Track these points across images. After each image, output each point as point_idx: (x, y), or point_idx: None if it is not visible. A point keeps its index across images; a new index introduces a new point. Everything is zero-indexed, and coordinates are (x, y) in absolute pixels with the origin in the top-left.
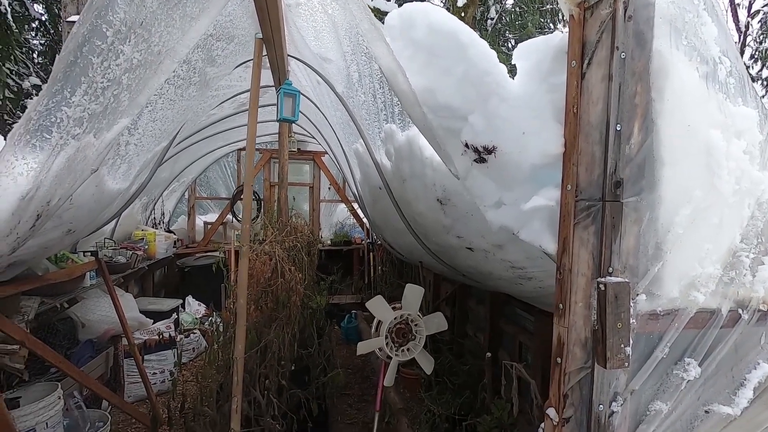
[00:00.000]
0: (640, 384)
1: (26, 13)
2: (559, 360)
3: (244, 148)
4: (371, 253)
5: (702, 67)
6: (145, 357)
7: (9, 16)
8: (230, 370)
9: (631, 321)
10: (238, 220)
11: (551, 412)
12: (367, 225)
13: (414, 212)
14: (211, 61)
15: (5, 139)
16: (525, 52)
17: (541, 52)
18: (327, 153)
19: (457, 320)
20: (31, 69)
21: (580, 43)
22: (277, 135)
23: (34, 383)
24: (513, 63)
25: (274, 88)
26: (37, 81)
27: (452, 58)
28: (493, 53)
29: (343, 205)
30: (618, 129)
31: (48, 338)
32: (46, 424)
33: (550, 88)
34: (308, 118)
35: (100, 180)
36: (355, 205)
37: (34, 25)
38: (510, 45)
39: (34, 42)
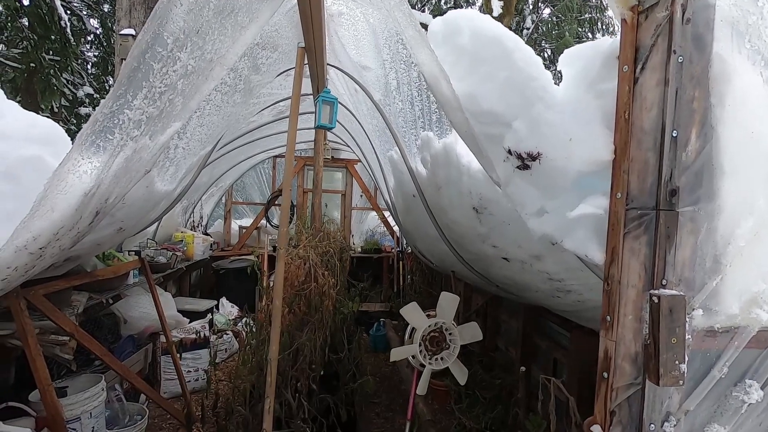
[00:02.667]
0: (695, 404)
1: (83, 27)
2: (605, 375)
3: (279, 155)
4: (401, 262)
5: (766, 72)
6: (182, 355)
7: (68, 30)
8: (263, 372)
9: (687, 337)
10: (271, 225)
11: (596, 429)
12: (398, 233)
13: (448, 220)
14: (255, 69)
15: (73, 142)
16: (571, 59)
17: (589, 58)
18: (360, 161)
19: (488, 333)
20: (85, 79)
21: (633, 47)
22: (311, 143)
23: (80, 374)
24: (552, 70)
25: (311, 97)
26: (90, 90)
27: (496, 63)
28: (539, 59)
29: (373, 213)
30: (674, 135)
31: (93, 332)
32: (90, 413)
33: (598, 94)
34: (343, 126)
35: (150, 181)
36: (386, 213)
37: (89, 38)
38: (546, 55)
39: (89, 54)
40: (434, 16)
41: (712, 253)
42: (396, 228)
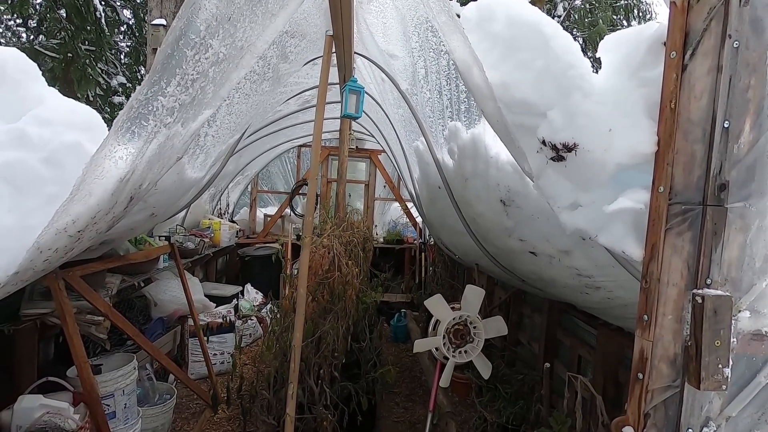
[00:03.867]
0: (738, 410)
1: (117, 18)
2: (640, 375)
3: (304, 145)
4: (423, 254)
5: None
6: (209, 338)
7: (103, 20)
8: (286, 357)
9: (731, 340)
10: (295, 214)
11: (628, 431)
12: (420, 225)
13: (474, 213)
14: (284, 58)
15: (109, 129)
16: (613, 45)
17: (632, 44)
18: (384, 151)
19: (510, 327)
20: (118, 69)
21: (682, 32)
22: (336, 132)
23: (113, 353)
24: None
25: (338, 86)
26: (123, 80)
27: (532, 50)
28: (577, 45)
29: (396, 204)
30: (725, 126)
31: (126, 313)
32: (123, 391)
33: (642, 82)
34: (368, 116)
35: (181, 168)
36: (410, 205)
37: (122, 29)
38: (578, 43)
39: (122, 44)
40: (462, 4)
41: (762, 253)
42: (419, 219)
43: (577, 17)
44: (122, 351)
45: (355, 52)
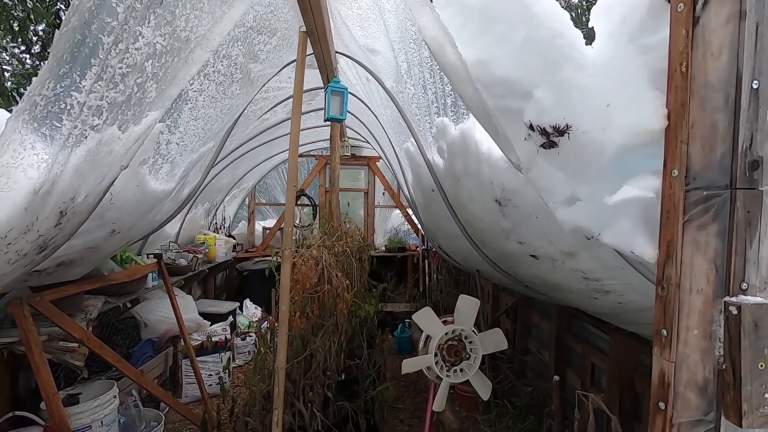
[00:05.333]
0: None
1: None
2: (662, 405)
3: (301, 155)
4: (426, 261)
5: None
6: (202, 358)
7: None
8: (271, 378)
9: None
10: (295, 226)
11: None
12: (422, 231)
13: (469, 215)
14: (253, 57)
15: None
16: (605, 10)
17: (627, 6)
18: (381, 157)
19: (518, 335)
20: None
21: None
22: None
23: (94, 380)
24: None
25: (323, 90)
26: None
27: (511, 20)
28: (565, 13)
29: (397, 211)
30: (754, 87)
31: (110, 336)
32: (101, 422)
33: (642, 49)
34: (360, 121)
35: (141, 179)
36: (410, 211)
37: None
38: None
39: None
40: None
41: None
42: (419, 225)
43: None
44: (105, 377)
45: (337, 51)
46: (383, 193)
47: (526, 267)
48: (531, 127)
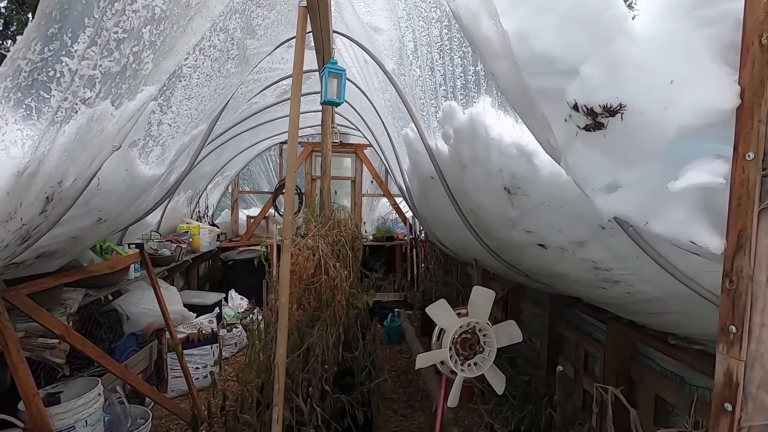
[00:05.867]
0: None
1: None
2: (728, 406)
3: (286, 142)
4: (414, 250)
5: None
6: (188, 351)
7: None
8: (271, 373)
9: None
10: (280, 214)
11: None
12: (410, 220)
13: (473, 204)
14: (250, 33)
15: None
16: None
17: None
18: (370, 144)
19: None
20: None
21: None
22: (318, 127)
23: (76, 377)
24: None
25: (317, 74)
26: None
27: None
28: None
29: (384, 200)
30: None
31: (92, 330)
32: (86, 422)
33: (701, 22)
34: (352, 106)
35: (131, 163)
36: (398, 200)
37: None
38: None
39: None
40: None
41: None
42: (408, 214)
43: None
44: (87, 374)
45: (334, 31)
46: (371, 182)
47: (531, 257)
48: (575, 107)
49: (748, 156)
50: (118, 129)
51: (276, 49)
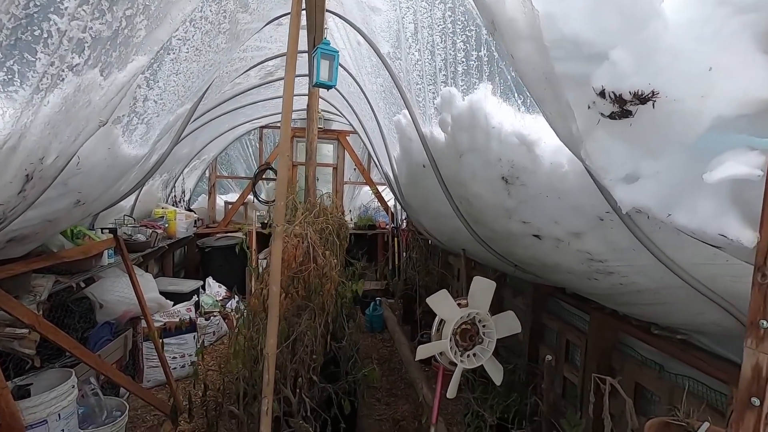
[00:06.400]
0: None
1: None
2: (755, 401)
3: (267, 126)
4: (396, 239)
5: None
6: (165, 341)
7: None
8: (257, 364)
9: None
10: (259, 201)
11: None
12: (392, 209)
13: (468, 193)
14: (243, 5)
15: None
16: None
17: None
18: (355, 131)
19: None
20: None
21: None
22: (301, 112)
23: (47, 369)
24: None
25: (305, 55)
26: None
27: None
28: None
29: (366, 188)
30: None
31: (63, 319)
32: (59, 415)
33: (738, 8)
34: (338, 91)
35: (113, 141)
36: (381, 188)
37: None
38: None
39: None
40: None
41: None
42: (391, 203)
43: None
44: (59, 365)
45: (328, 10)
46: (354, 169)
47: (525, 248)
48: (602, 93)
49: None
50: (105, 102)
51: (266, 26)
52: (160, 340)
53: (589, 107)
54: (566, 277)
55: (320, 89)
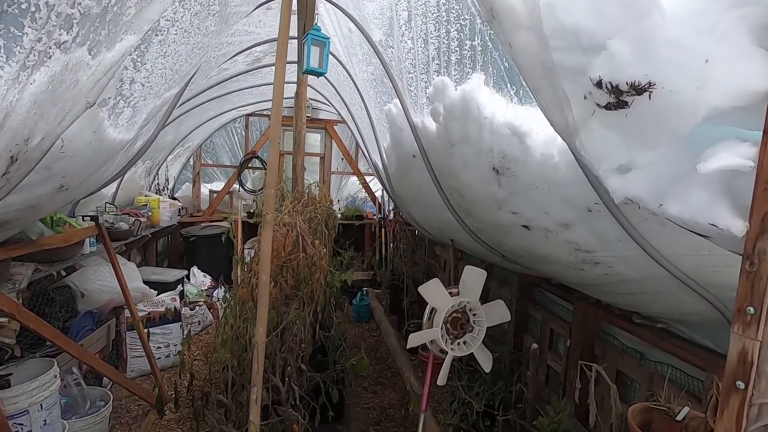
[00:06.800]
0: None
1: None
2: (740, 384)
3: (253, 114)
4: (383, 229)
5: None
6: (150, 330)
7: None
8: (246, 353)
9: None
10: (245, 190)
11: None
12: (380, 199)
13: (459, 184)
14: None
15: None
16: None
17: None
18: (343, 121)
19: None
20: None
21: None
22: (289, 99)
23: (28, 359)
24: None
25: (295, 41)
26: None
27: None
28: None
29: (353, 178)
30: None
31: (44, 308)
32: (41, 405)
33: (735, 1)
34: (327, 79)
35: (99, 124)
36: (368, 178)
37: None
38: None
39: None
40: None
41: None
42: (378, 193)
43: None
44: (39, 355)
45: None
46: (341, 159)
47: (514, 238)
48: (599, 84)
49: None
50: (93, 82)
51: (255, 9)
52: (145, 330)
53: (585, 98)
54: (554, 268)
55: (309, 77)
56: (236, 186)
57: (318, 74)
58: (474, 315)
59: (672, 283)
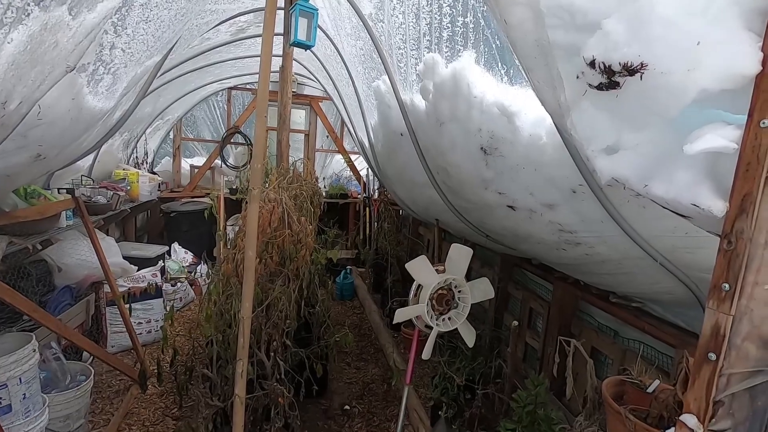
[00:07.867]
0: None
1: None
2: (712, 356)
3: (236, 87)
4: (368, 208)
5: None
6: (131, 306)
7: None
8: (231, 329)
9: None
10: (227, 165)
11: (690, 419)
12: (364, 178)
13: (447, 163)
14: None
15: None
16: None
17: None
18: (329, 97)
19: None
20: None
21: None
22: (274, 74)
23: (4, 333)
24: None
25: (282, 12)
26: None
27: None
28: None
29: (338, 156)
30: None
31: (19, 282)
32: (20, 379)
33: None
34: (314, 54)
35: (78, 91)
36: (353, 157)
37: None
38: None
39: None
40: None
41: None
42: (363, 172)
43: None
44: (17, 329)
45: None
46: (326, 137)
47: (498, 218)
48: (592, 64)
49: (763, 123)
50: (74, 45)
51: None
52: (126, 306)
53: (577, 77)
54: (536, 248)
55: (295, 50)
56: (218, 161)
57: (306, 47)
58: (459, 292)
59: (648, 263)
